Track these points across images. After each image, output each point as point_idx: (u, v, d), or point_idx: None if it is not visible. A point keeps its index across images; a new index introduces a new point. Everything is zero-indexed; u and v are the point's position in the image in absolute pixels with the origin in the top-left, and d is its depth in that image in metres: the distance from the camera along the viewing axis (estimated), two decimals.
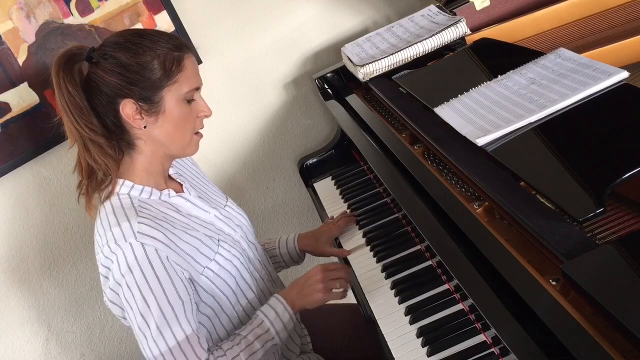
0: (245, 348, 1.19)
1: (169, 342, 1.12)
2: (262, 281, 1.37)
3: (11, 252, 1.79)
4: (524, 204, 0.99)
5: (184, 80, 1.20)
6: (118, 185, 1.22)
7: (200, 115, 1.25)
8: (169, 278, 1.13)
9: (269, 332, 1.23)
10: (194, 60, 1.24)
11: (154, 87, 1.18)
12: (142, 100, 1.18)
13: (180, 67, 1.20)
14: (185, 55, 1.21)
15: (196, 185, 1.39)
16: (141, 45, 1.17)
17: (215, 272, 1.23)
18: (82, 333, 1.92)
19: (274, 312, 1.25)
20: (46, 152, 1.74)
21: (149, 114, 1.19)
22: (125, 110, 1.18)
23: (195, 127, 1.26)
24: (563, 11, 1.62)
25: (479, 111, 1.24)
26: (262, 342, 1.21)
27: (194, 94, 1.23)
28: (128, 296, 1.13)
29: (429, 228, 1.20)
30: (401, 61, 1.66)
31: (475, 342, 1.07)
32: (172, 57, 1.19)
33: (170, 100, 1.20)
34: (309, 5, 1.95)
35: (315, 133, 2.09)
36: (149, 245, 1.12)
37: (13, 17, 1.63)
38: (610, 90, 1.12)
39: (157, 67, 1.17)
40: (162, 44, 1.19)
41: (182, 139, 1.24)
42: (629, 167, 0.92)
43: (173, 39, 1.22)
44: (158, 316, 1.11)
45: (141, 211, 1.17)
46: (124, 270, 1.12)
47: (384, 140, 1.49)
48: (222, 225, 1.32)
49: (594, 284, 0.78)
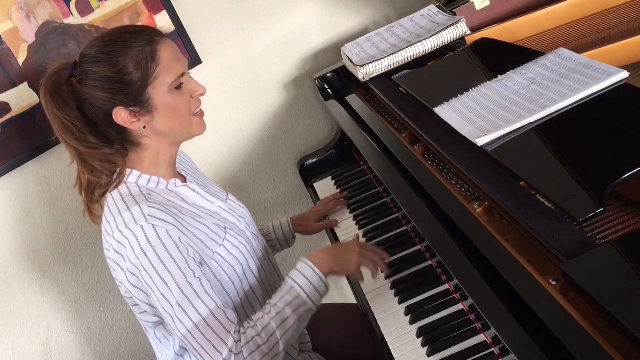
0: (275, 316, 1.18)
1: (194, 318, 1.12)
2: (264, 272, 1.38)
3: (11, 252, 1.79)
4: (524, 204, 0.99)
5: (165, 72, 1.19)
6: (125, 175, 1.23)
7: (195, 95, 1.25)
8: (183, 257, 1.14)
9: (299, 297, 1.21)
10: (170, 46, 1.22)
11: (138, 88, 1.18)
12: (131, 104, 1.19)
13: (156, 61, 1.18)
14: (158, 47, 1.19)
15: (197, 180, 1.40)
16: (113, 53, 1.17)
17: (224, 257, 1.24)
18: (82, 333, 1.92)
19: (302, 276, 1.23)
20: (46, 152, 1.74)
21: (143, 114, 1.20)
22: (119, 118, 1.19)
23: (192, 108, 1.25)
24: (563, 11, 1.62)
25: (479, 111, 1.24)
26: (293, 308, 1.19)
27: (181, 79, 1.22)
28: (147, 279, 1.13)
29: (429, 228, 1.20)
30: (401, 61, 1.66)
31: (475, 342, 1.07)
32: (145, 55, 1.17)
33: (158, 95, 1.19)
34: (309, 5, 1.95)
35: (315, 133, 2.08)
36: (160, 226, 1.13)
37: (13, 17, 1.63)
38: (610, 90, 1.12)
39: (134, 69, 1.17)
40: (132, 43, 1.18)
41: (183, 125, 1.25)
42: (629, 167, 0.92)
43: (143, 33, 1.20)
44: (178, 294, 1.12)
45: (150, 198, 1.19)
46: (138, 253, 1.13)
47: (384, 140, 1.49)
48: (227, 215, 1.33)
49: (594, 284, 0.79)
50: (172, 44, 1.23)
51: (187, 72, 1.24)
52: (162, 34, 1.23)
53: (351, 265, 1.28)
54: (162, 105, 1.20)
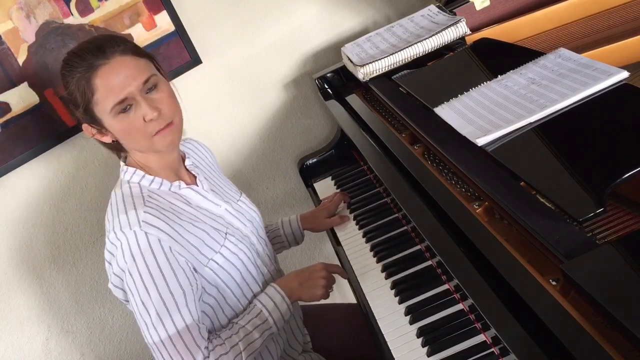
0: (243, 337, 1.21)
1: (169, 330, 1.14)
2: (270, 276, 1.38)
3: (11, 252, 1.79)
4: (524, 204, 0.99)
5: (102, 99, 1.16)
6: (129, 173, 1.25)
7: (147, 119, 1.18)
8: (171, 268, 1.14)
9: (267, 322, 1.25)
10: (112, 71, 1.15)
11: (86, 110, 1.19)
12: (89, 122, 1.22)
13: (92, 89, 1.16)
14: (94, 74, 1.15)
15: (210, 178, 1.40)
16: (64, 76, 1.19)
17: (220, 264, 1.24)
18: (82, 333, 1.92)
19: (272, 302, 1.27)
20: (46, 152, 1.74)
21: (105, 131, 1.23)
22: (87, 132, 1.24)
23: (148, 131, 1.19)
24: (563, 11, 1.62)
25: (479, 111, 1.24)
26: (260, 332, 1.23)
27: (126, 104, 1.17)
28: (130, 283, 1.15)
29: (429, 228, 1.20)
30: (401, 61, 1.66)
31: (475, 342, 1.07)
32: (82, 82, 1.16)
33: (106, 119, 1.19)
34: (309, 5, 1.95)
35: (315, 133, 2.08)
36: (153, 235, 1.14)
37: (13, 17, 1.63)
38: (610, 90, 1.12)
39: (77, 94, 1.18)
40: (75, 67, 1.16)
41: (141, 145, 1.23)
42: (629, 167, 0.92)
43: (81, 55, 1.16)
44: (158, 304, 1.13)
45: (149, 201, 1.20)
46: (127, 258, 1.14)
47: (384, 140, 1.49)
48: (232, 219, 1.33)
49: (594, 284, 0.78)
50: (118, 67, 1.16)
51: (137, 94, 1.17)
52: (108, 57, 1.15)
53: (318, 290, 1.31)
54: (113, 128, 1.21)
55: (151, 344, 1.15)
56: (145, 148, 1.23)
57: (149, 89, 1.19)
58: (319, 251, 2.22)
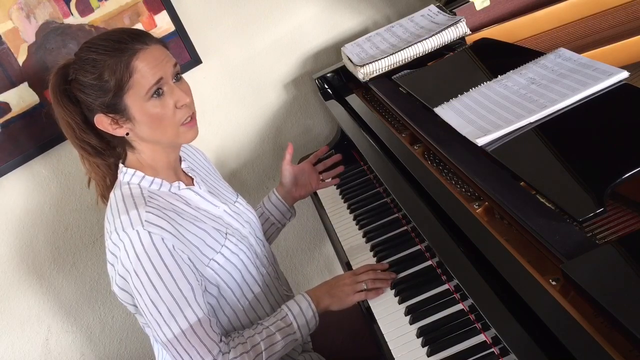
0: (266, 337, 1.21)
1: (182, 325, 1.14)
2: (269, 277, 1.39)
3: (11, 252, 1.79)
4: (524, 204, 0.99)
5: (140, 81, 1.16)
6: (129, 174, 1.24)
7: (179, 105, 1.20)
8: (177, 264, 1.15)
9: (291, 326, 1.25)
10: (151, 53, 1.17)
11: (114, 96, 1.17)
12: (110, 111, 1.19)
13: (130, 72, 1.15)
14: (134, 56, 1.16)
15: (207, 180, 1.40)
16: (89, 60, 1.17)
17: (221, 264, 1.25)
18: (82, 333, 1.92)
19: (298, 307, 1.27)
20: (46, 152, 1.74)
21: (123, 121, 1.20)
22: (100, 124, 1.20)
23: (176, 119, 1.20)
24: (563, 11, 1.62)
25: (479, 111, 1.24)
26: (283, 335, 1.23)
27: (161, 87, 1.18)
28: (137, 284, 1.14)
29: (429, 228, 1.20)
30: (401, 61, 1.66)
31: (475, 342, 1.06)
32: (120, 64, 1.15)
33: (135, 105, 1.18)
34: (309, 5, 1.95)
35: (315, 133, 2.08)
36: (156, 233, 1.14)
37: (13, 17, 1.63)
38: (610, 90, 1.12)
39: (109, 77, 1.16)
40: (108, 52, 1.16)
41: (167, 135, 1.22)
42: (629, 167, 0.92)
43: (120, 40, 1.17)
44: (169, 301, 1.13)
45: (150, 201, 1.19)
46: (132, 259, 1.14)
47: (384, 140, 1.49)
48: (231, 220, 1.33)
49: (594, 284, 0.78)
50: (156, 51, 1.18)
51: (170, 79, 1.19)
52: (147, 42, 1.18)
53: (346, 299, 1.30)
54: (140, 115, 1.19)
55: (165, 341, 1.15)
56: (170, 138, 1.22)
57: (176, 78, 1.22)
58: (319, 251, 2.22)
